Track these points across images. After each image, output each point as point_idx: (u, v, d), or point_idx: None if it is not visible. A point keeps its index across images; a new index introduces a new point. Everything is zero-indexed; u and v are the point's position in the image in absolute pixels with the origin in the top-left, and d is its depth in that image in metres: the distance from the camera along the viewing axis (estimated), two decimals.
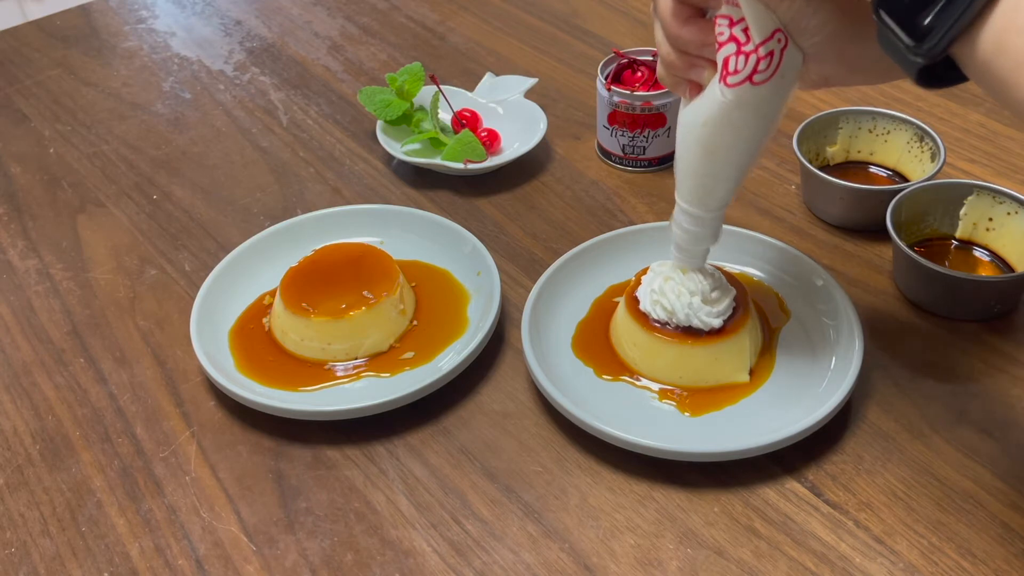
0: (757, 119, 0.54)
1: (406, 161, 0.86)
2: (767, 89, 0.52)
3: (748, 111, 0.53)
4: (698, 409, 0.63)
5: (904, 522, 0.56)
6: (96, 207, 0.86)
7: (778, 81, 0.52)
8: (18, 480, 0.63)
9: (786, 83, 0.52)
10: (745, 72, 0.51)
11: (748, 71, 0.51)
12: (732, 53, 0.51)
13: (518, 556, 0.56)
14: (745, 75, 0.51)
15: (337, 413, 0.62)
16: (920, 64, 0.42)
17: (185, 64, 1.07)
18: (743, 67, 0.51)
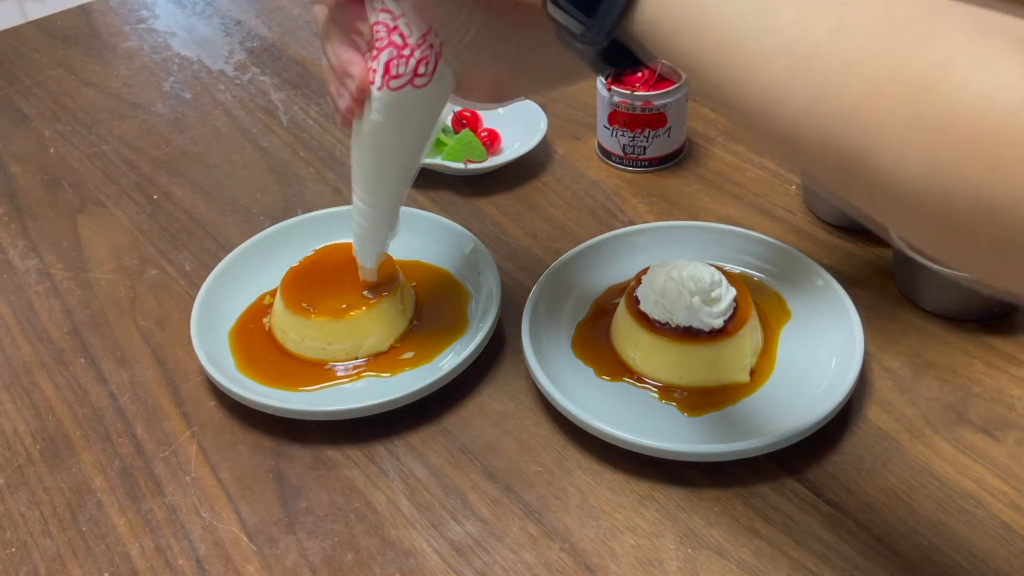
0: (419, 121, 0.56)
1: None
2: (428, 91, 0.54)
3: (411, 112, 0.55)
4: (698, 409, 0.63)
5: (904, 522, 0.56)
6: (96, 207, 0.86)
7: (438, 83, 0.53)
8: (18, 480, 0.63)
9: (446, 84, 0.54)
10: (406, 75, 0.53)
11: (409, 74, 0.53)
12: (392, 57, 0.53)
13: (518, 556, 0.56)
14: (407, 78, 0.53)
15: (337, 413, 0.62)
16: (592, 51, 0.43)
17: (185, 64, 1.07)
18: (404, 70, 0.53)
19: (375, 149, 0.58)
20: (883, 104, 0.33)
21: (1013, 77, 0.31)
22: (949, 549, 0.55)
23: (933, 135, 0.32)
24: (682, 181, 0.84)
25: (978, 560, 0.54)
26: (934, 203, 0.32)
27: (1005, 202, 0.30)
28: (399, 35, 0.52)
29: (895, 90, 0.33)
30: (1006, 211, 0.31)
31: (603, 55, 0.43)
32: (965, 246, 0.34)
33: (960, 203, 0.32)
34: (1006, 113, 0.30)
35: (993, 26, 0.33)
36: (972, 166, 0.31)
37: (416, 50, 0.52)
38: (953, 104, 0.31)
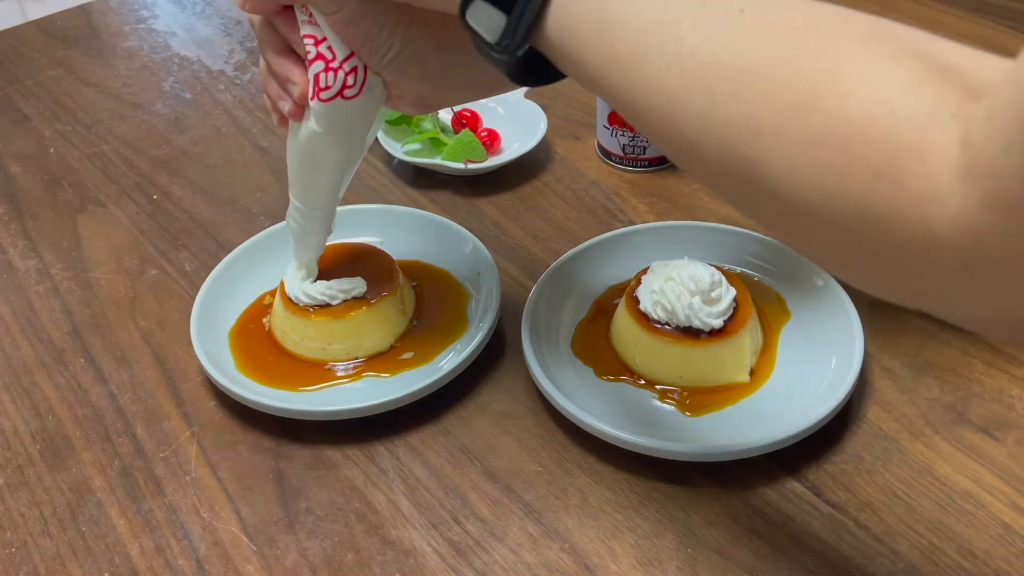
0: (351, 131, 0.57)
1: (406, 161, 0.86)
2: (359, 103, 0.54)
3: (343, 123, 0.55)
4: (698, 409, 0.63)
5: (904, 522, 0.56)
6: (96, 207, 0.86)
7: (368, 95, 0.54)
8: (18, 480, 0.63)
9: (375, 96, 0.54)
10: (335, 88, 0.53)
11: (338, 87, 0.53)
12: (321, 70, 0.53)
13: (518, 556, 0.56)
14: (336, 90, 0.53)
15: (337, 413, 0.62)
16: (508, 60, 0.44)
17: (185, 64, 1.07)
18: (333, 83, 0.53)
19: (309, 155, 0.58)
20: (776, 112, 0.33)
21: (898, 86, 0.31)
22: (949, 549, 0.55)
23: (821, 142, 0.32)
24: (682, 181, 0.84)
25: (978, 560, 0.54)
26: (823, 212, 0.33)
27: (887, 210, 0.31)
28: (328, 48, 0.52)
29: (787, 98, 0.33)
30: (888, 219, 0.31)
31: (520, 65, 0.44)
32: (853, 256, 0.34)
33: (846, 211, 0.32)
34: (890, 121, 0.30)
35: (886, 36, 0.33)
36: (857, 174, 0.31)
37: (345, 62, 0.52)
38: (839, 112, 0.31)
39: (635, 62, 0.38)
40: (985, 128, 0.29)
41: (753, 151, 0.34)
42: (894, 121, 0.30)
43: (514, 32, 0.42)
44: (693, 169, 0.38)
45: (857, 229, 0.32)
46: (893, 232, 0.31)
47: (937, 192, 0.29)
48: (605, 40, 0.39)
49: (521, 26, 0.41)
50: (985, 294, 0.31)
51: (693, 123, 0.36)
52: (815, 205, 0.33)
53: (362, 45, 0.51)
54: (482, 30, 0.43)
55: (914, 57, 0.32)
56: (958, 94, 0.30)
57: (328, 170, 0.60)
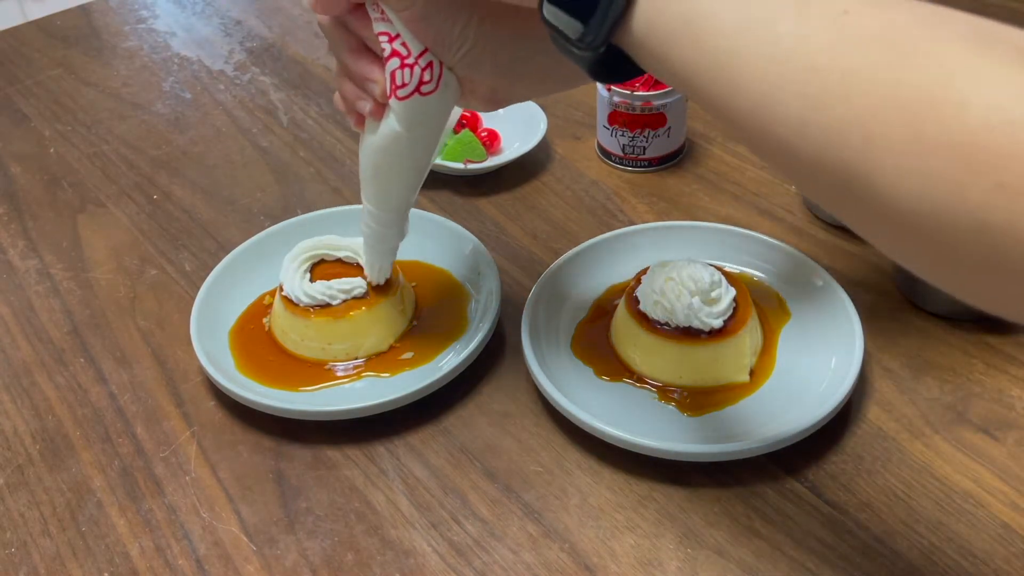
0: (429, 128, 0.56)
1: None
2: (436, 99, 0.54)
3: (420, 121, 0.55)
4: (698, 409, 0.63)
5: (904, 522, 0.56)
6: (96, 207, 0.86)
7: (444, 91, 0.53)
8: (18, 480, 0.63)
9: (451, 92, 0.54)
10: (412, 84, 0.53)
11: (415, 83, 0.53)
12: (397, 67, 0.52)
13: (518, 556, 0.56)
14: (413, 87, 0.53)
15: (337, 413, 0.62)
16: (589, 57, 0.42)
17: (185, 64, 1.07)
18: (410, 80, 0.52)
19: (387, 156, 0.57)
20: (881, 119, 0.32)
21: (1017, 94, 0.30)
22: (949, 549, 0.55)
23: (933, 153, 0.31)
24: (682, 181, 0.84)
25: (978, 560, 0.54)
26: (932, 223, 0.32)
27: (1005, 222, 0.30)
28: (402, 44, 0.52)
29: (894, 105, 0.32)
30: (1008, 232, 0.30)
31: (601, 62, 0.43)
32: (962, 267, 0.33)
33: (960, 224, 0.31)
34: (1010, 131, 0.30)
35: (995, 38, 0.32)
36: (974, 186, 0.30)
37: (420, 58, 0.52)
38: (955, 121, 0.30)
39: (727, 61, 0.36)
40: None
41: (855, 158, 0.33)
42: (1013, 131, 0.29)
43: (599, 28, 0.41)
44: (786, 172, 0.37)
45: (969, 240, 0.31)
46: (1010, 244, 0.30)
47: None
48: (695, 37, 0.37)
49: (606, 22, 0.40)
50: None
51: (787, 129, 0.35)
52: (923, 214, 0.32)
53: (435, 40, 0.51)
54: (563, 26, 0.42)
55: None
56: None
57: (406, 171, 0.58)
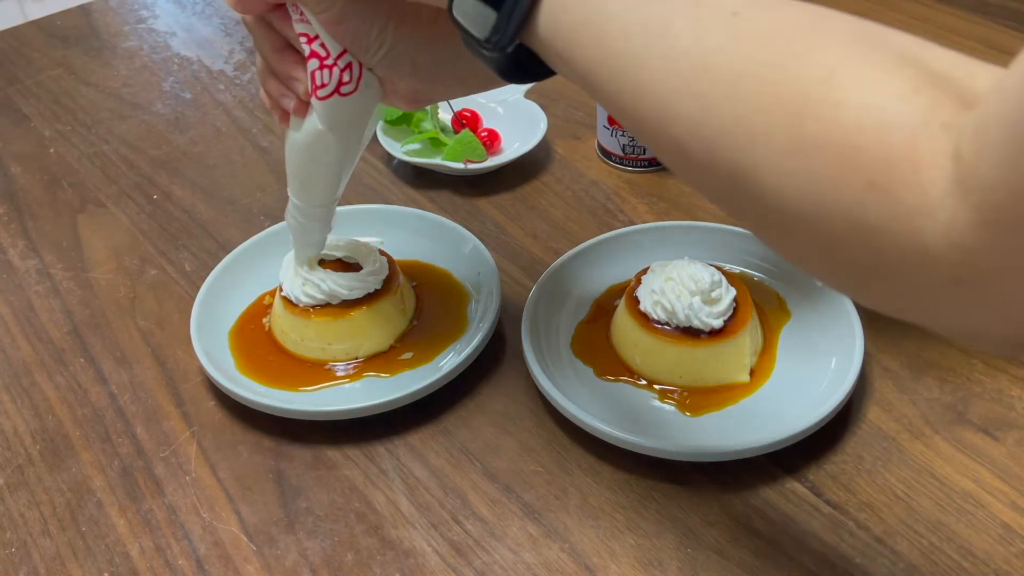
0: (351, 127, 0.57)
1: (406, 161, 0.86)
2: (355, 99, 0.54)
3: (340, 120, 0.55)
4: (698, 409, 0.63)
5: (904, 522, 0.56)
6: (96, 207, 0.86)
7: (364, 91, 0.54)
8: (18, 480, 0.63)
9: (372, 92, 0.55)
10: (332, 85, 0.53)
11: (334, 84, 0.53)
12: (316, 68, 0.53)
13: (518, 556, 0.56)
14: (332, 88, 0.53)
15: (337, 413, 0.62)
16: (498, 57, 0.43)
17: (185, 64, 1.07)
18: (329, 80, 0.53)
19: (309, 152, 0.58)
20: (766, 119, 0.33)
21: (891, 94, 0.30)
22: (949, 549, 0.55)
23: (813, 150, 0.31)
24: (682, 181, 0.84)
25: (978, 560, 0.54)
26: (813, 221, 0.32)
27: (878, 221, 0.30)
28: (321, 45, 0.52)
29: (778, 105, 0.32)
30: (879, 230, 0.30)
31: (511, 63, 0.43)
32: (844, 266, 0.34)
33: (837, 221, 0.31)
34: (883, 130, 0.30)
35: (879, 41, 0.33)
36: (849, 185, 0.31)
37: (339, 59, 0.52)
38: (832, 120, 0.31)
39: (625, 61, 0.37)
40: (975, 139, 0.28)
41: (743, 156, 0.33)
42: (887, 130, 0.30)
43: (504, 29, 0.41)
44: (681, 171, 0.38)
45: (847, 239, 0.32)
46: (883, 243, 0.31)
47: (928, 204, 0.29)
48: (595, 38, 0.38)
49: (511, 23, 0.41)
50: (974, 308, 0.31)
51: (683, 125, 0.35)
52: (805, 213, 0.32)
53: (352, 42, 0.51)
54: (471, 26, 0.43)
55: (906, 63, 0.31)
56: (951, 103, 0.30)
57: (328, 167, 0.60)
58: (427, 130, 0.87)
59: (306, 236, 0.66)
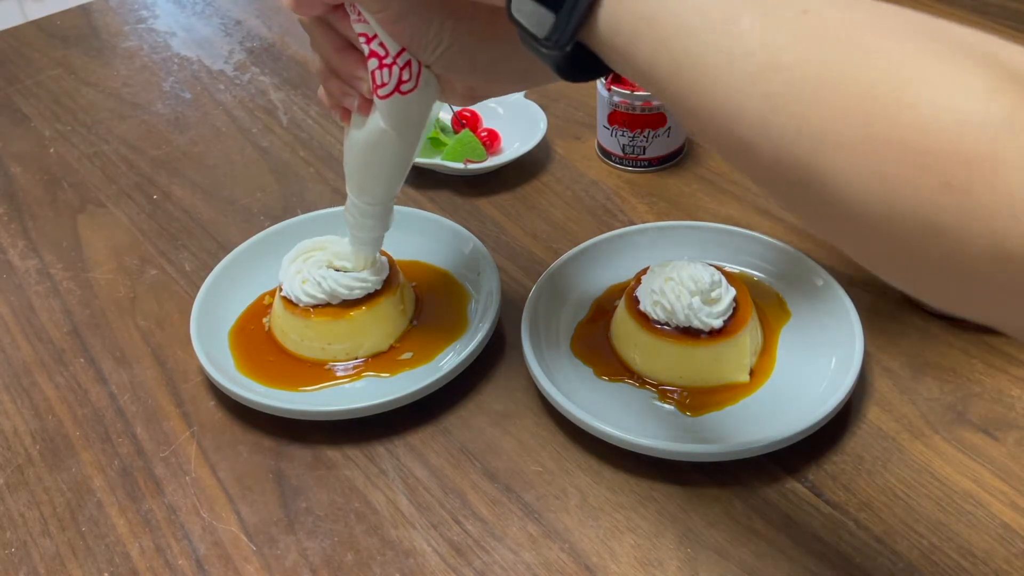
0: (410, 125, 0.57)
1: None
2: (415, 97, 0.54)
3: (402, 118, 0.56)
4: (698, 409, 0.63)
5: (904, 522, 0.56)
6: (96, 207, 0.86)
7: (424, 89, 0.54)
8: (18, 480, 0.63)
9: (432, 90, 0.55)
10: (392, 84, 0.53)
11: (394, 83, 0.53)
12: (376, 67, 0.53)
13: (518, 556, 0.56)
14: (393, 86, 0.54)
15: (337, 413, 0.62)
16: (557, 56, 0.43)
17: (185, 64, 1.07)
18: (389, 79, 0.53)
19: (371, 150, 0.58)
20: (837, 118, 0.32)
21: (969, 93, 0.30)
22: (949, 549, 0.55)
23: (885, 151, 0.31)
24: (682, 181, 0.84)
25: (978, 560, 0.54)
26: (886, 223, 0.32)
27: (954, 222, 0.30)
28: (380, 45, 0.52)
29: (848, 104, 0.32)
30: (955, 231, 0.30)
31: (569, 61, 0.43)
32: (918, 268, 0.33)
33: (910, 222, 0.31)
34: (959, 132, 0.30)
35: (953, 39, 0.32)
36: (923, 185, 0.30)
37: (398, 58, 0.52)
38: (908, 120, 0.31)
39: (689, 60, 0.36)
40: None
41: (812, 157, 0.33)
42: (965, 130, 0.30)
43: (563, 28, 0.41)
44: (747, 171, 0.37)
45: (921, 240, 0.31)
46: (959, 245, 0.30)
47: (1008, 205, 0.29)
48: (657, 36, 0.37)
49: (571, 22, 0.40)
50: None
51: (749, 125, 0.35)
52: (877, 214, 0.32)
53: (410, 41, 0.51)
54: (529, 25, 0.42)
55: (984, 62, 0.31)
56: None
57: (389, 165, 0.60)
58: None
59: (364, 233, 0.65)
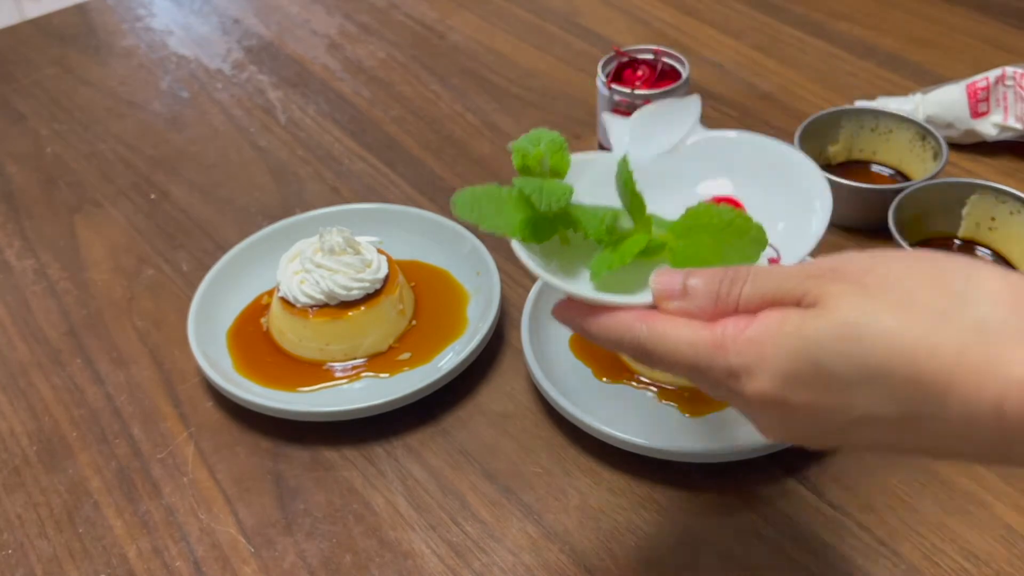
0: None
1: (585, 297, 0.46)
2: None
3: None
4: (698, 409, 0.62)
5: (906, 523, 0.56)
6: (93, 207, 0.86)
7: None
8: (15, 481, 0.62)
9: None
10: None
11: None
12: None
13: (518, 558, 0.56)
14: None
15: (336, 414, 0.62)
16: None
17: (183, 63, 1.06)
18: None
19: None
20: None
21: None
22: (951, 550, 0.55)
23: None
24: None
25: (980, 561, 0.54)
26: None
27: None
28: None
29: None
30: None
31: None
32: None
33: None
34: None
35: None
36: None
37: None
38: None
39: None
40: None
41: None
42: None
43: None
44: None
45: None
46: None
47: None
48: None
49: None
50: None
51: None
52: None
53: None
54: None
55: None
56: None
57: None
58: (617, 232, 0.48)
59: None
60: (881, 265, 0.37)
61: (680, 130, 0.50)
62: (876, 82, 0.93)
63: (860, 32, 1.01)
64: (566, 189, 0.45)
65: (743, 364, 0.37)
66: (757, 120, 0.90)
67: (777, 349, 0.36)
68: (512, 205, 0.46)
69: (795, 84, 0.94)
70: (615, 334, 0.41)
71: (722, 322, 0.39)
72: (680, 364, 0.39)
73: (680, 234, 0.44)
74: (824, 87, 0.93)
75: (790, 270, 0.39)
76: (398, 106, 0.95)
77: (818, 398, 0.36)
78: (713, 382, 0.39)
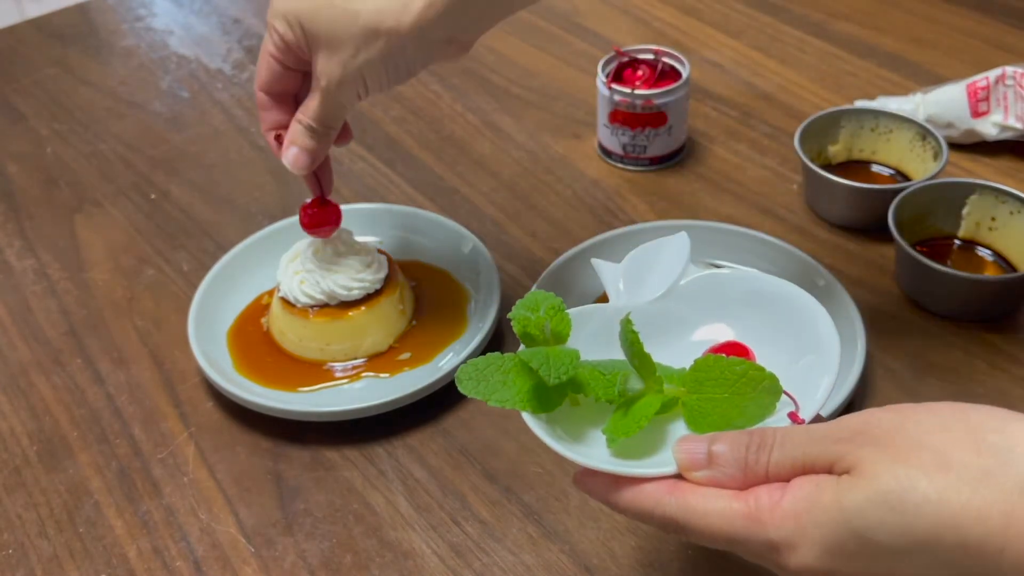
0: None
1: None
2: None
3: None
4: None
5: None
6: (93, 207, 0.86)
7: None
8: (15, 481, 0.62)
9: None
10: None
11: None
12: None
13: (518, 558, 0.56)
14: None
15: (336, 414, 0.62)
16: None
17: (183, 63, 1.06)
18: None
19: None
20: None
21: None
22: None
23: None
24: (683, 180, 0.84)
25: None
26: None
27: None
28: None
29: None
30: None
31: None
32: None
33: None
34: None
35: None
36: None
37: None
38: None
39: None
40: None
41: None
42: None
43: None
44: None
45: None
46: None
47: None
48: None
49: None
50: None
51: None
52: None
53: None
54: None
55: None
56: None
57: None
58: (630, 394, 0.46)
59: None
60: (909, 423, 0.36)
61: (672, 271, 0.49)
62: (876, 82, 0.93)
63: (860, 32, 1.01)
64: (572, 355, 0.44)
65: (783, 538, 0.37)
66: (757, 120, 0.90)
67: (817, 522, 0.36)
68: (516, 374, 0.45)
69: (795, 84, 0.94)
70: (644, 509, 0.41)
71: (754, 491, 0.38)
72: (716, 538, 0.39)
73: (692, 388, 0.44)
74: (824, 87, 0.93)
75: (817, 433, 0.38)
76: (398, 106, 0.95)
77: (866, 568, 0.36)
78: (753, 555, 0.39)
